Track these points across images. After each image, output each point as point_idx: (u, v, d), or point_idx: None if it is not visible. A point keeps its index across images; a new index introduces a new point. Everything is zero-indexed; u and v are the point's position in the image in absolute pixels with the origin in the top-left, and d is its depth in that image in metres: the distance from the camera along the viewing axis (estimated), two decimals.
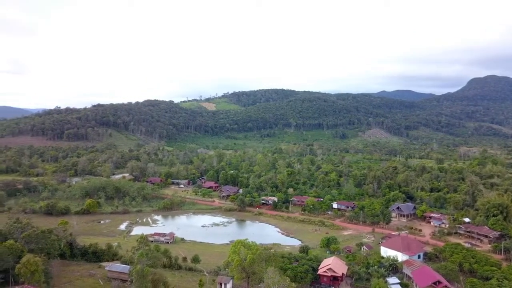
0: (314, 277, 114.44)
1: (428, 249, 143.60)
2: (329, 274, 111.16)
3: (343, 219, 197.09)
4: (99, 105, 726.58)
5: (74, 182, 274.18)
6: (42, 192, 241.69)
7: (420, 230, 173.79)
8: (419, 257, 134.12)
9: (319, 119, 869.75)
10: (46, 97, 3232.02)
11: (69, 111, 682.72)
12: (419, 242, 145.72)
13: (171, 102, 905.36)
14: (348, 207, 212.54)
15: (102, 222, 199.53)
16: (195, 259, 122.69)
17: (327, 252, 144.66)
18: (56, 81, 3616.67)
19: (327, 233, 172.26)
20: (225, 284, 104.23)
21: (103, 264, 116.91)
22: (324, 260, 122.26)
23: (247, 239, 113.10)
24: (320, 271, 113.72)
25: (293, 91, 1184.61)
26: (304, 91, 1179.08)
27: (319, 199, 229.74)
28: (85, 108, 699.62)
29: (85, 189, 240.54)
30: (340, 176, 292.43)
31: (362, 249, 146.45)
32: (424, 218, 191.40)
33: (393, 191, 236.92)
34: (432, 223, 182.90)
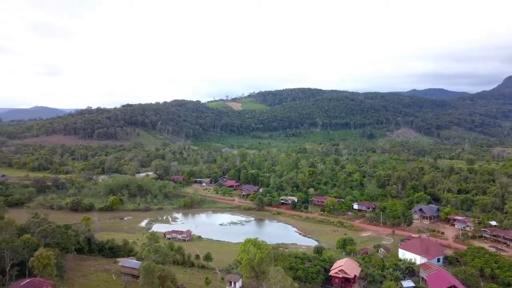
0: (325, 278, 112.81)
1: (449, 252, 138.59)
2: (340, 275, 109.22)
3: (362, 220, 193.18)
4: (128, 105, 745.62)
5: (100, 180, 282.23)
6: (69, 189, 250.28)
7: (443, 233, 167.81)
8: (438, 260, 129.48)
9: (346, 118, 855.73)
10: (79, 97, 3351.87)
11: (99, 111, 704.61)
12: (439, 245, 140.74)
13: (198, 102, 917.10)
14: (369, 208, 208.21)
15: (125, 219, 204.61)
16: (207, 257, 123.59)
17: (343, 253, 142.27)
18: (88, 82, 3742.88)
19: (345, 234, 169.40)
20: (235, 283, 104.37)
21: (119, 259, 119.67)
22: (337, 261, 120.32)
23: (257, 238, 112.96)
24: (331, 272, 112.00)
25: (320, 90, 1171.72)
26: (332, 90, 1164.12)
27: (340, 199, 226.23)
28: (114, 108, 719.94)
29: (110, 187, 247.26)
30: (364, 177, 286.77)
31: (379, 251, 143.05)
32: (448, 221, 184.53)
33: (418, 192, 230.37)
34: (456, 226, 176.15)
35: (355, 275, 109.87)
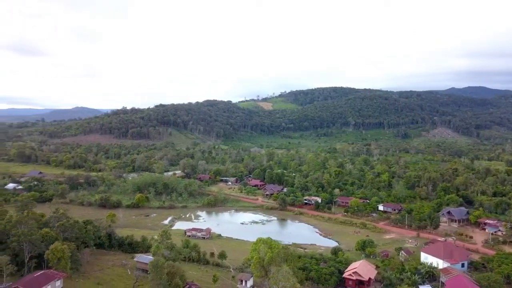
0: (339, 280, 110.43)
1: (476, 257, 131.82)
2: (354, 277, 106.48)
3: (387, 222, 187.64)
4: (161, 105, 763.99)
5: (130, 178, 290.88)
6: (100, 186, 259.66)
7: (471, 237, 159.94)
8: (462, 265, 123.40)
9: (379, 118, 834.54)
10: (117, 98, 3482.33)
11: (134, 111, 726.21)
12: (464, 250, 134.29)
13: (229, 102, 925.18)
14: (394, 210, 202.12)
15: (150, 216, 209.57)
16: (222, 255, 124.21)
17: (363, 255, 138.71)
18: (125, 83, 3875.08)
19: (367, 236, 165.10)
20: (246, 281, 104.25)
21: (136, 255, 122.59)
22: (353, 263, 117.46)
23: (269, 237, 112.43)
24: (345, 274, 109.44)
25: (353, 89, 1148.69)
26: (365, 89, 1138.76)
27: (365, 200, 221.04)
28: (148, 108, 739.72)
29: (137, 185, 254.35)
30: (393, 177, 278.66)
31: (401, 254, 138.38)
32: (478, 225, 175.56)
33: (449, 194, 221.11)
34: (486, 230, 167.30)
35: (369, 278, 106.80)
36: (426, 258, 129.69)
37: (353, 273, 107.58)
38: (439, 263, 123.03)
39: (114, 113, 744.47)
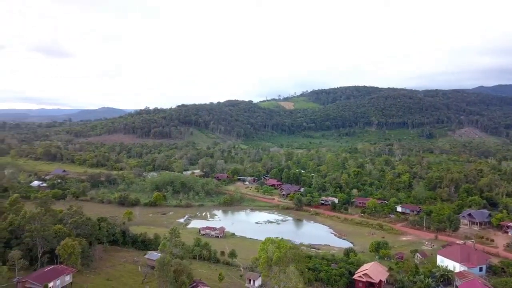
0: (349, 282, 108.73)
1: (496, 261, 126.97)
2: (364, 279, 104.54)
3: (405, 224, 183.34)
4: (183, 105, 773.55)
5: (149, 176, 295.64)
6: (120, 184, 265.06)
7: (492, 240, 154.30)
8: (480, 269, 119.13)
9: (403, 117, 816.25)
10: (141, 98, 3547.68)
11: (156, 111, 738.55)
12: (483, 253, 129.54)
13: (250, 102, 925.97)
14: (413, 211, 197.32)
15: (168, 214, 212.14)
16: (232, 254, 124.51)
17: (376, 257, 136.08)
18: (149, 83, 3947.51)
19: (383, 237, 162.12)
20: (254, 281, 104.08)
21: (148, 252, 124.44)
22: (365, 264, 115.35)
23: (278, 237, 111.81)
24: (355, 276, 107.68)
25: (376, 88, 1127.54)
26: (388, 88, 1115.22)
27: (383, 201, 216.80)
28: (170, 108, 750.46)
29: (155, 183, 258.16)
30: (414, 178, 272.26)
31: (416, 256, 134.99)
32: (501, 228, 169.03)
33: (472, 196, 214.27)
34: (509, 233, 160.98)
35: (380, 280, 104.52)
36: (442, 261, 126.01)
37: (363, 274, 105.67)
38: (456, 267, 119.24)
39: (137, 113, 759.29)
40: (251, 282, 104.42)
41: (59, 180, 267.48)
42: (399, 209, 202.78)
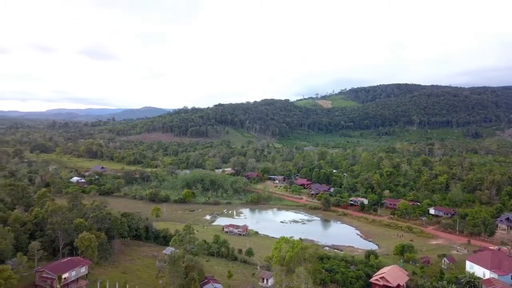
0: (366, 285, 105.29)
1: None
2: (381, 283, 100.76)
3: (436, 227, 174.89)
4: (219, 104, 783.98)
5: (181, 174, 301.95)
6: (153, 181, 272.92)
7: None
8: None
9: (447, 116, 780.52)
10: (180, 97, 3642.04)
11: (194, 110, 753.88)
12: None
13: (286, 100, 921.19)
14: (447, 214, 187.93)
15: (197, 211, 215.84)
16: (249, 252, 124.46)
17: (401, 260, 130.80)
18: (188, 83, 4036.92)
19: (411, 240, 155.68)
20: (267, 280, 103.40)
21: (167, 248, 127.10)
22: (384, 267, 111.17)
23: (292, 236, 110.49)
24: (372, 279, 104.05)
25: (418, 85, 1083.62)
26: (432, 85, 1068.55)
27: (416, 203, 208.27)
28: (207, 108, 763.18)
29: (186, 180, 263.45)
30: (452, 179, 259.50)
31: (443, 261, 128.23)
32: None
33: None
34: None
35: (398, 284, 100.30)
36: (472, 267, 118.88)
37: (380, 278, 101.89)
38: (486, 274, 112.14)
39: (176, 112, 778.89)
40: (264, 281, 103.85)
41: (96, 177, 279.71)
42: (432, 211, 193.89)
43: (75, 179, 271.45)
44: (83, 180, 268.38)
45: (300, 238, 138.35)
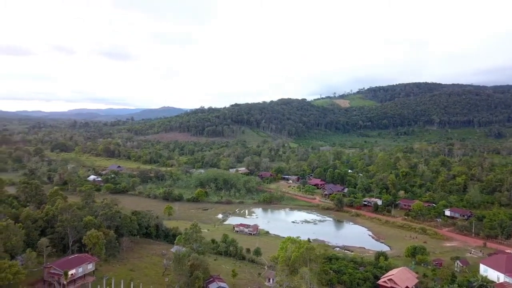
0: (374, 287, 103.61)
1: None
2: (388, 285, 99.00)
3: (452, 229, 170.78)
4: (236, 104, 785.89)
5: (196, 173, 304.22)
6: (167, 180, 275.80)
7: None
8: None
9: (468, 115, 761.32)
10: (199, 98, 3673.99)
11: (210, 110, 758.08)
12: None
13: (303, 100, 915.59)
14: (463, 216, 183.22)
15: (209, 210, 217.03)
16: (257, 252, 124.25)
17: (412, 262, 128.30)
18: (205, 83, 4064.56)
19: (425, 242, 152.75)
20: (273, 279, 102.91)
21: (175, 246, 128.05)
22: (393, 269, 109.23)
23: (299, 237, 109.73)
24: (380, 281, 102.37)
25: (439, 84, 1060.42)
26: (453, 84, 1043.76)
27: (431, 204, 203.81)
28: (224, 108, 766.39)
29: (200, 180, 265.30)
30: (471, 180, 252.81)
31: (456, 264, 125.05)
32: None
33: None
34: None
35: (406, 287, 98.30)
36: (486, 270, 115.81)
37: (388, 280, 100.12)
38: (500, 277, 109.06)
39: (193, 112, 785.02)
40: (270, 280, 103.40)
41: (112, 175, 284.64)
42: (447, 213, 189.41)
43: (92, 177, 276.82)
44: (99, 179, 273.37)
45: (309, 239, 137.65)
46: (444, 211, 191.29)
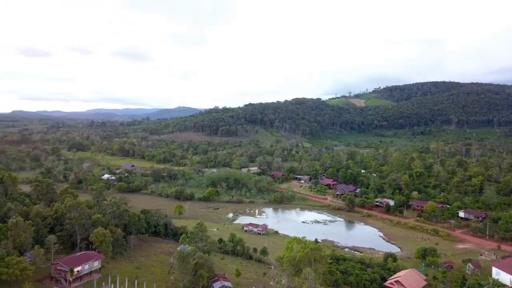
0: None
1: None
2: (395, 287, 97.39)
3: (465, 231, 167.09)
4: (250, 104, 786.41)
5: (208, 172, 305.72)
6: (179, 179, 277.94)
7: None
8: None
9: (488, 114, 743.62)
10: (214, 98, 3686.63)
11: (224, 110, 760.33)
12: None
13: (318, 99, 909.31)
14: (477, 218, 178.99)
15: (220, 209, 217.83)
16: (264, 251, 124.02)
17: (422, 264, 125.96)
18: (221, 83, 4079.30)
19: (436, 243, 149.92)
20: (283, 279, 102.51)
21: (181, 245, 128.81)
22: (401, 271, 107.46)
23: (305, 237, 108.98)
24: (386, 283, 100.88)
25: (457, 83, 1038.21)
26: (472, 83, 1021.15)
27: (445, 205, 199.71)
28: (238, 107, 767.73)
29: (211, 179, 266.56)
30: (488, 181, 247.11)
31: (468, 266, 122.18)
32: None
33: None
34: None
35: None
36: (498, 273, 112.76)
37: (395, 281, 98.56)
38: None
39: (207, 112, 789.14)
40: (275, 280, 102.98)
41: (126, 174, 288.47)
42: (461, 214, 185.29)
43: (106, 176, 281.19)
44: (113, 178, 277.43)
45: (316, 239, 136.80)
46: (458, 213, 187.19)
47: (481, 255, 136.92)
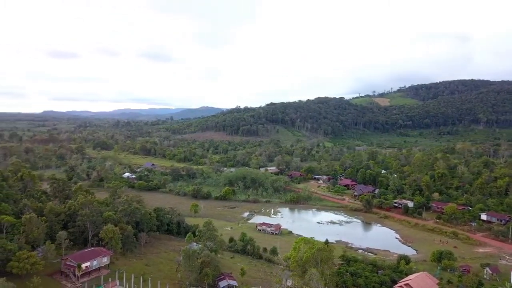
0: None
1: None
2: None
3: (487, 234, 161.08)
4: (271, 103, 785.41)
5: (226, 171, 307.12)
6: (197, 178, 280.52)
7: None
8: None
9: None
10: (236, 97, 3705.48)
11: (246, 110, 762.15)
12: None
13: (341, 98, 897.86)
14: (500, 220, 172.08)
15: (236, 208, 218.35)
16: (273, 251, 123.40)
17: (438, 267, 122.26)
18: (243, 83, 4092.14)
19: (455, 247, 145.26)
20: (285, 279, 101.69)
21: (191, 243, 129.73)
22: (412, 274, 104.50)
23: (313, 237, 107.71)
24: (396, 285, 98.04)
25: (487, 81, 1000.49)
26: (502, 81, 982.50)
27: (466, 207, 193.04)
28: (259, 107, 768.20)
29: (229, 178, 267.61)
30: None
31: (485, 271, 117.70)
32: None
33: None
34: None
35: None
36: None
37: (404, 285, 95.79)
38: None
39: (229, 112, 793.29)
40: (284, 280, 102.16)
41: (146, 173, 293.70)
42: (483, 217, 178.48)
43: (126, 174, 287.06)
44: (133, 176, 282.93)
45: (327, 239, 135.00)
46: (480, 215, 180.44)
47: (501, 259, 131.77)
